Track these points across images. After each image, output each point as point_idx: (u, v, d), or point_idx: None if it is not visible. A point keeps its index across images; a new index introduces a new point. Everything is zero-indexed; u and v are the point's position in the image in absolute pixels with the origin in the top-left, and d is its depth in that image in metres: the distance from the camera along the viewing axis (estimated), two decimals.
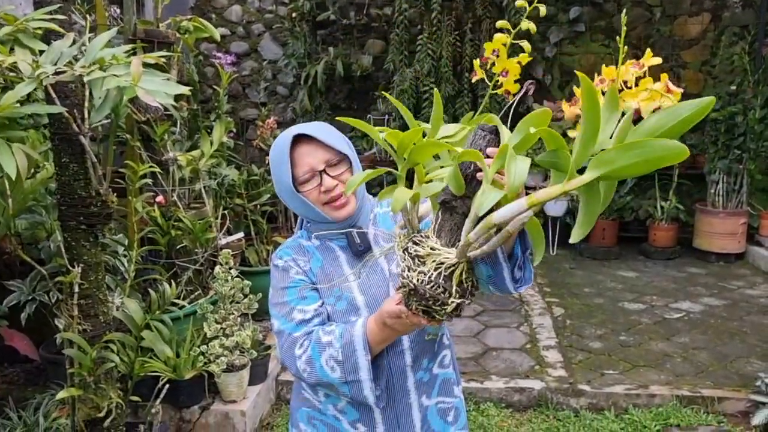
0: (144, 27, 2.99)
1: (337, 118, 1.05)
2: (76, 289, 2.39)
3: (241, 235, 3.55)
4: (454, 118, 6.03)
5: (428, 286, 0.99)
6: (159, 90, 1.80)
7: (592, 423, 3.05)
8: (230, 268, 2.95)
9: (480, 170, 0.98)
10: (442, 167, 1.06)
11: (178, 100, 3.39)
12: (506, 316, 4.31)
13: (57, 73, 1.78)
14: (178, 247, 3.01)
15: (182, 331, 2.97)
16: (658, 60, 0.93)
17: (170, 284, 2.62)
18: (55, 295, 2.77)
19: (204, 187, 3.16)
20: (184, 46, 3.28)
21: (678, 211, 5.75)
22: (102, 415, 2.40)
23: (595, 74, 0.95)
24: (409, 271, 1.01)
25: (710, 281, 5.08)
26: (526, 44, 1.04)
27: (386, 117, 5.98)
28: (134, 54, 2.05)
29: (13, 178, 1.65)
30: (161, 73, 1.96)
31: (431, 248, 1.01)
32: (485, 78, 1.06)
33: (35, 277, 2.84)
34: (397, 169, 1.05)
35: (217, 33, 3.09)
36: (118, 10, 3.12)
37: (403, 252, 1.04)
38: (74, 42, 1.94)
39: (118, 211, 3.09)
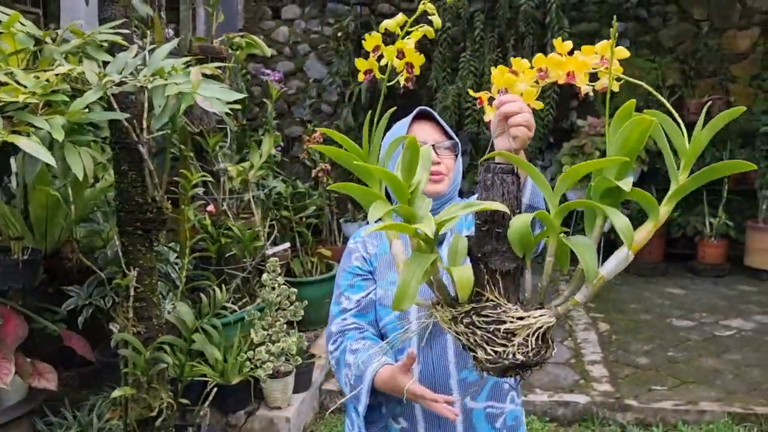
0: (198, 43, 3.12)
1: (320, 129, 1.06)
2: (132, 293, 2.49)
3: (287, 245, 3.63)
4: None
5: (533, 355, 0.90)
6: (216, 96, 1.89)
7: None
8: (277, 276, 3.02)
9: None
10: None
11: (230, 114, 3.51)
12: None
13: (121, 83, 1.89)
14: (227, 255, 3.10)
15: (230, 337, 3.04)
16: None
17: (220, 290, 2.70)
18: (111, 300, 2.88)
19: (253, 197, 3.26)
20: (234, 63, 3.41)
21: (728, 228, 5.60)
22: (154, 414, 2.47)
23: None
24: (497, 347, 0.89)
25: (763, 299, 4.92)
26: None
27: None
28: (191, 66, 2.16)
29: (80, 179, 1.74)
30: (217, 82, 2.06)
31: (518, 318, 0.90)
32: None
33: (92, 282, 2.96)
34: None
35: (267, 49, 3.21)
36: (171, 32, 3.26)
37: (469, 329, 0.91)
38: (137, 54, 2.05)
39: (170, 219, 3.22)
